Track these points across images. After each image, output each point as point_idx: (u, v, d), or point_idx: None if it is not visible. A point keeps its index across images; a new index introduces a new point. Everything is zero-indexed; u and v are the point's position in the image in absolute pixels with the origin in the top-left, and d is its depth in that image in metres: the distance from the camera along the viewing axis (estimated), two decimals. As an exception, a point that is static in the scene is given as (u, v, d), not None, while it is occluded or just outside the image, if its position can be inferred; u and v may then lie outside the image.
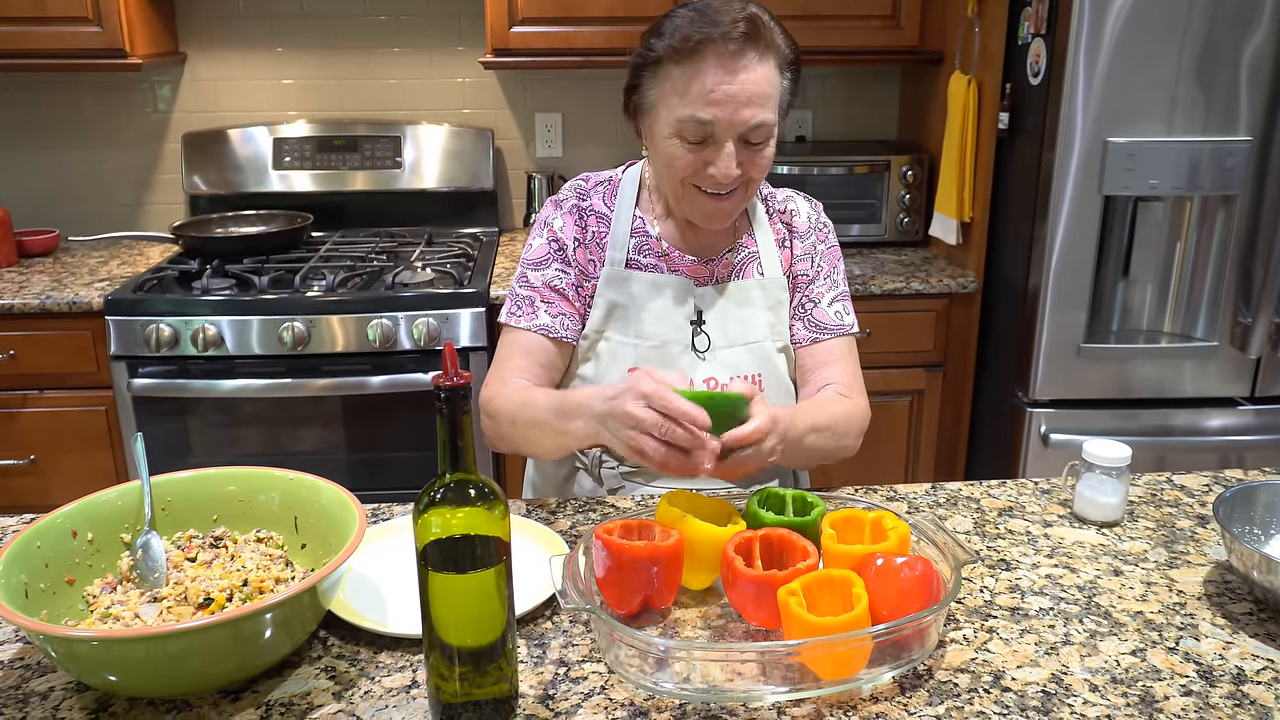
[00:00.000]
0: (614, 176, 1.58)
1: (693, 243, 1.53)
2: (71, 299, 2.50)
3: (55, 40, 2.70)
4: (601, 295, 1.51)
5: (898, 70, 3.25)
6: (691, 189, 1.42)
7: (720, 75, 1.33)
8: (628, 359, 1.49)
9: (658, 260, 1.52)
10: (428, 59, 3.15)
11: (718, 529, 1.15)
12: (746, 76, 1.33)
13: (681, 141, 1.38)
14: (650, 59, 1.39)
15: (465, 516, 0.92)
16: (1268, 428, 2.53)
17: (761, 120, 1.36)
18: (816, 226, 1.59)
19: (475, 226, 3.17)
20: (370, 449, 2.63)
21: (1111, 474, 1.36)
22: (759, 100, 1.35)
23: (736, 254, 1.54)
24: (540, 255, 1.53)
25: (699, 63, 1.34)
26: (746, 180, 1.41)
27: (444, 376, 0.91)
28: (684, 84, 1.35)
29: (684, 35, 1.34)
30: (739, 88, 1.33)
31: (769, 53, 1.36)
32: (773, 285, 1.54)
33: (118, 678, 0.97)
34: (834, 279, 1.57)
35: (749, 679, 1.02)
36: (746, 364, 1.51)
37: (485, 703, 0.96)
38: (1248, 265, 2.40)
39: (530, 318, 1.50)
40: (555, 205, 1.56)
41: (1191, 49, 2.25)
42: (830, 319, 1.55)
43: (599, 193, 1.56)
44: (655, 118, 1.42)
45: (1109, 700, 1.01)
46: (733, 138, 1.36)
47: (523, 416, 1.39)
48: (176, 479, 1.24)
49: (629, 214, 1.53)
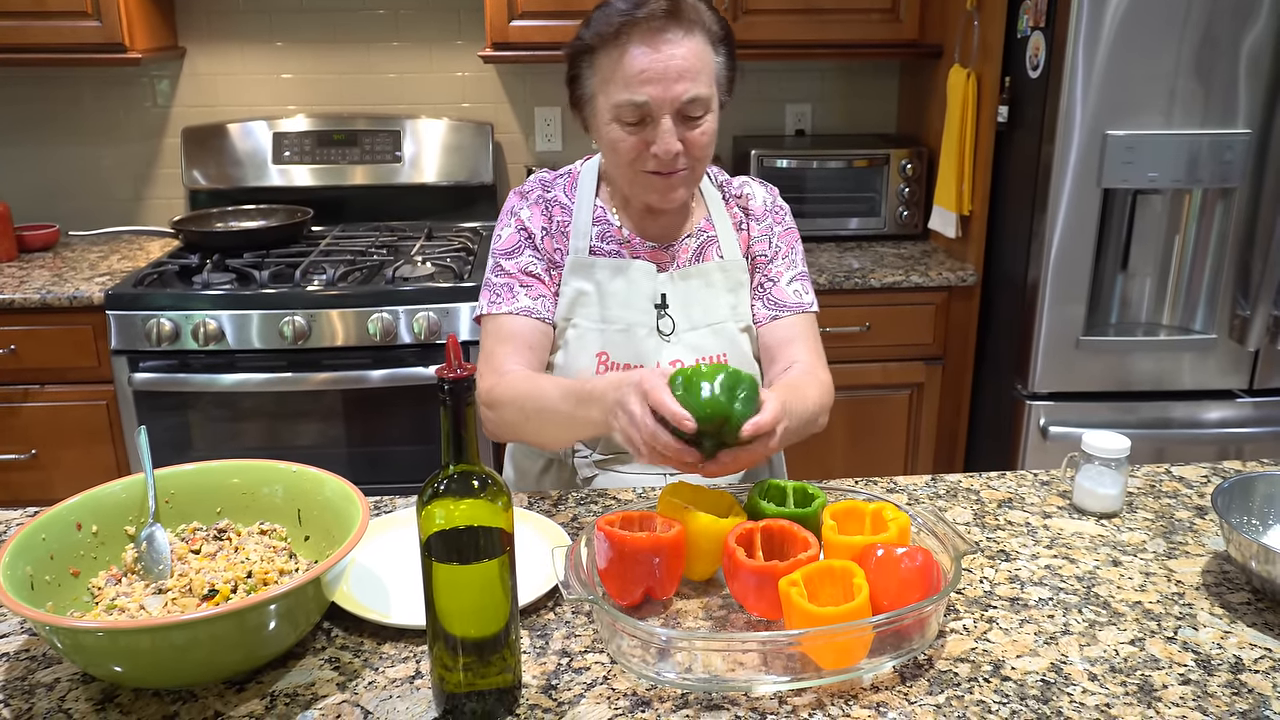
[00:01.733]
0: (572, 170, 1.60)
1: (652, 229, 1.55)
2: (72, 294, 2.50)
3: (54, 35, 2.69)
4: (567, 283, 1.52)
5: (897, 64, 3.25)
6: (639, 173, 1.44)
7: (648, 54, 1.36)
8: (594, 344, 1.51)
9: (619, 247, 1.54)
10: (427, 53, 3.15)
11: (719, 520, 1.16)
12: (673, 51, 1.37)
13: (621, 125, 1.41)
14: (581, 48, 1.43)
15: (468, 508, 0.93)
16: (1266, 420, 2.54)
17: (695, 94, 1.38)
18: (773, 209, 1.61)
19: (475, 221, 3.17)
20: (371, 443, 2.63)
21: (1110, 465, 1.36)
22: (689, 74, 1.37)
23: (696, 239, 1.56)
24: (511, 245, 1.54)
25: (626, 45, 1.37)
26: (692, 157, 1.43)
27: (448, 369, 0.91)
28: (614, 68, 1.39)
29: (608, 21, 1.38)
30: (666, 64, 1.36)
31: (694, 28, 1.39)
32: (733, 267, 1.56)
33: (123, 669, 0.98)
34: (792, 259, 1.60)
35: (750, 669, 1.02)
36: (711, 345, 1.53)
37: (489, 693, 0.97)
38: (1246, 258, 2.41)
39: (511, 301, 1.50)
40: (521, 196, 1.58)
41: (1190, 42, 2.25)
42: (789, 297, 1.57)
43: (560, 185, 1.58)
44: (595, 107, 1.45)
45: (1108, 689, 1.02)
46: (669, 113, 1.38)
47: (533, 406, 1.38)
48: (180, 472, 1.24)
49: (589, 204, 1.55)
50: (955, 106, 2.67)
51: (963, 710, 0.99)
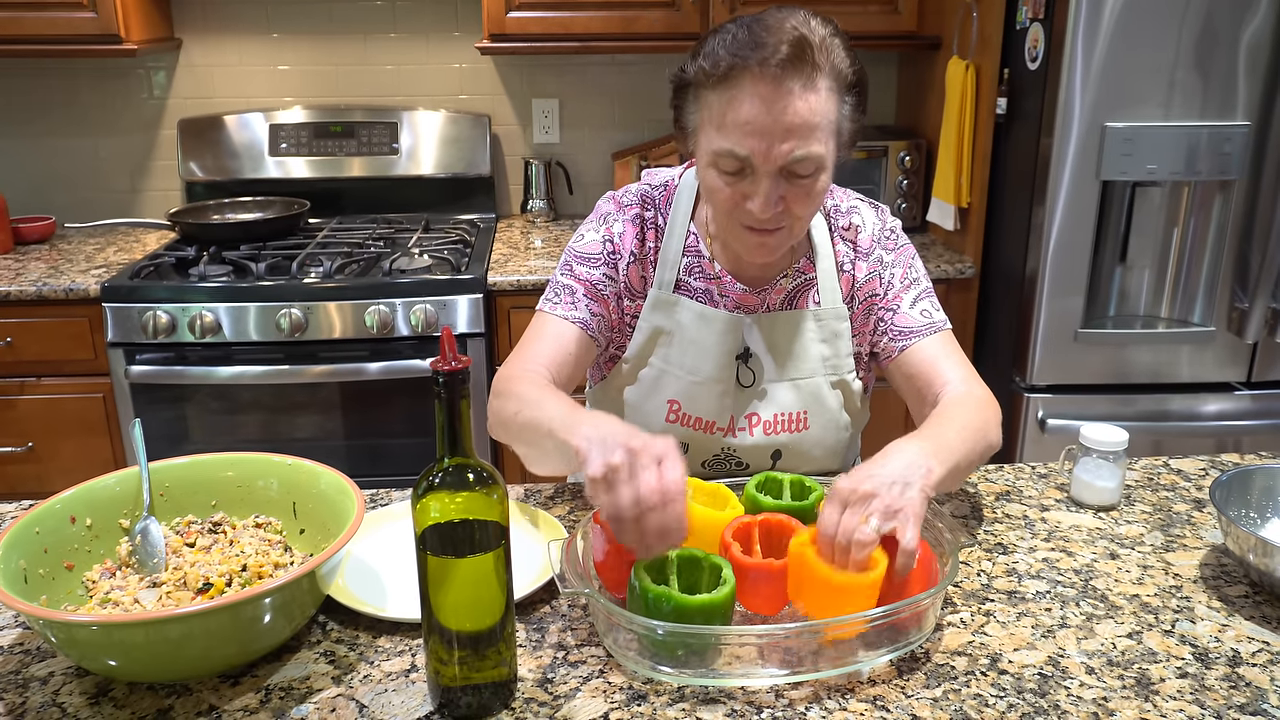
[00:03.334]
0: (670, 181, 1.47)
1: (748, 269, 1.43)
2: (68, 286, 2.50)
3: (50, 26, 2.68)
4: (646, 319, 1.43)
5: (895, 55, 3.24)
6: (734, 222, 1.31)
7: (757, 106, 1.20)
8: (668, 389, 1.44)
9: (708, 284, 1.43)
10: (424, 44, 3.14)
11: (716, 513, 1.15)
12: (787, 106, 1.20)
13: (719, 173, 1.27)
14: (685, 82, 1.29)
15: (464, 501, 0.93)
16: (1264, 413, 2.53)
17: (805, 154, 1.22)
18: (881, 237, 1.46)
19: (472, 213, 3.17)
20: (368, 435, 2.63)
21: (1108, 458, 1.36)
22: (801, 132, 1.21)
23: (792, 280, 1.44)
24: (593, 251, 1.43)
25: (734, 91, 1.22)
26: (792, 215, 1.28)
27: (442, 361, 0.91)
28: (719, 114, 1.24)
29: (718, 60, 1.22)
30: (776, 119, 1.20)
31: (818, 77, 1.21)
32: (829, 315, 1.44)
33: (118, 662, 0.98)
34: (911, 278, 1.46)
35: (747, 662, 1.02)
36: (791, 401, 1.44)
37: (484, 686, 0.97)
38: (1245, 250, 2.40)
39: (569, 308, 1.41)
40: (620, 207, 1.46)
41: (1190, 33, 2.25)
42: (917, 320, 1.43)
43: (658, 202, 1.46)
44: (697, 143, 1.31)
45: (1105, 682, 1.02)
46: (771, 173, 1.24)
47: (527, 413, 1.25)
48: (175, 465, 1.24)
49: (683, 228, 1.44)
50: (954, 98, 2.66)
51: (960, 704, 0.98)
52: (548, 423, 1.19)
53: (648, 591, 1.01)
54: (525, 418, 1.25)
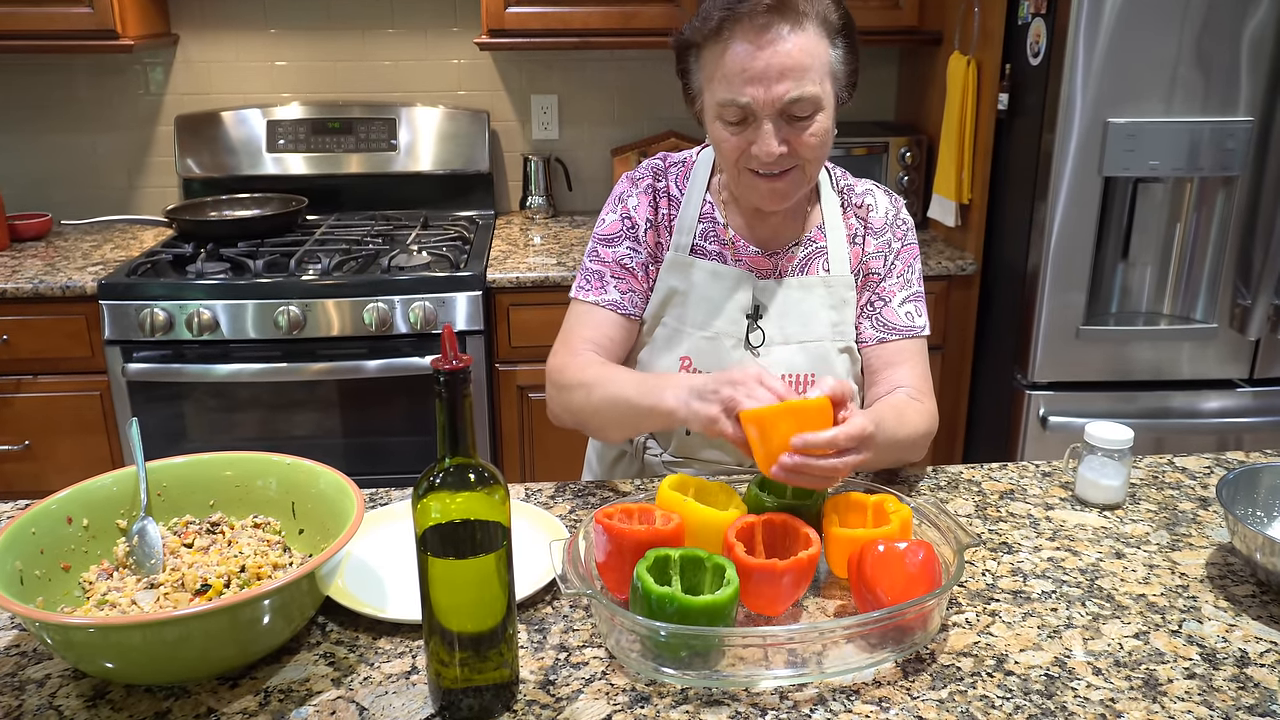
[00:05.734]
0: (688, 158, 1.54)
1: (760, 233, 1.48)
2: (65, 283, 2.48)
3: (46, 21, 2.67)
4: (662, 280, 1.48)
5: (896, 50, 3.22)
6: (745, 172, 1.37)
7: (749, 51, 1.28)
8: (680, 346, 1.47)
9: (722, 249, 1.48)
10: (423, 40, 3.12)
11: (718, 513, 1.15)
12: (778, 48, 1.28)
13: (724, 124, 1.34)
14: (685, 43, 1.37)
15: (465, 501, 0.92)
16: (1266, 409, 2.53)
17: (800, 94, 1.29)
18: (894, 223, 1.51)
19: (471, 209, 3.15)
20: (367, 433, 2.62)
21: (1113, 456, 1.35)
22: (794, 72, 1.28)
23: (804, 248, 1.49)
24: (613, 231, 1.50)
25: (728, 41, 1.30)
26: (799, 157, 1.34)
27: (444, 360, 0.90)
28: (716, 66, 1.32)
29: (709, 16, 1.31)
30: (768, 61, 1.28)
31: (805, 21, 1.29)
32: (838, 284, 1.48)
33: (115, 665, 0.97)
34: (907, 278, 1.51)
35: (751, 664, 1.01)
36: (800, 362, 1.46)
37: (486, 688, 0.96)
38: (1247, 247, 2.39)
39: (600, 292, 1.47)
40: (632, 183, 1.52)
41: (1192, 29, 2.24)
42: (900, 319, 1.48)
43: (674, 174, 1.52)
44: (703, 103, 1.39)
45: (1112, 683, 1.01)
46: (771, 115, 1.31)
47: (601, 392, 1.35)
48: (172, 464, 1.23)
49: (699, 198, 1.50)
50: (955, 94, 2.65)
51: (965, 705, 0.98)
52: (624, 396, 1.32)
53: (650, 592, 1.00)
54: (599, 396, 1.36)
